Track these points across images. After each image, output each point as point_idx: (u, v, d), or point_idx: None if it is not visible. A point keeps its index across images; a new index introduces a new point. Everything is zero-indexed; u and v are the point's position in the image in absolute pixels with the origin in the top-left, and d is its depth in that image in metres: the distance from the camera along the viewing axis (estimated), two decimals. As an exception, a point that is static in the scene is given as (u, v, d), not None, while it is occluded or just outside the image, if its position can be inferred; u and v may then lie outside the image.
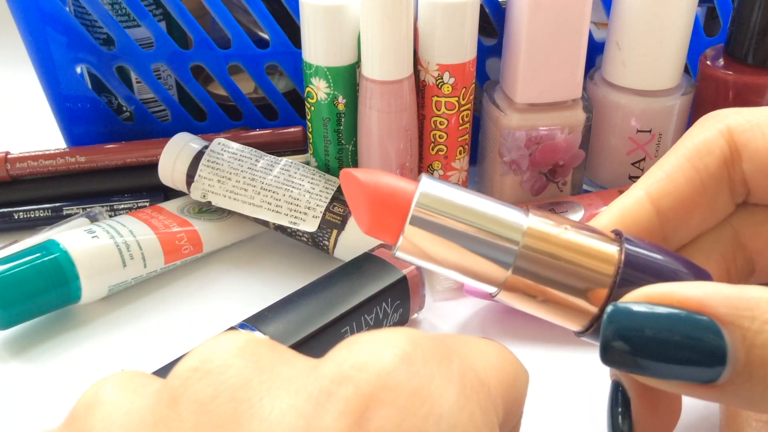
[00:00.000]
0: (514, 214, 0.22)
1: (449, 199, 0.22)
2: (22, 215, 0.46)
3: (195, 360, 0.17)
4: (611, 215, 0.25)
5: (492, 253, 0.22)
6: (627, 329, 0.20)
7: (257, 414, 0.16)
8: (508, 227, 0.22)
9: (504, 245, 0.22)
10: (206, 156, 0.42)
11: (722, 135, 0.25)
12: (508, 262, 0.22)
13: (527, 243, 0.22)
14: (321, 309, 0.33)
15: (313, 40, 0.40)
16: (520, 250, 0.21)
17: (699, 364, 0.19)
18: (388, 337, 0.17)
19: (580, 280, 0.22)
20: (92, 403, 0.17)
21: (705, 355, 0.19)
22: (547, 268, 0.22)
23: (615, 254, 0.22)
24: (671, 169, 0.25)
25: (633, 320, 0.20)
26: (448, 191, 0.22)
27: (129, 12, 0.48)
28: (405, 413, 0.16)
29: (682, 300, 0.19)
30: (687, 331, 0.19)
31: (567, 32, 0.41)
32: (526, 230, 0.22)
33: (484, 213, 0.22)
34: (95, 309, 0.40)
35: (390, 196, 0.22)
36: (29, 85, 0.52)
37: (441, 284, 0.41)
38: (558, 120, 0.43)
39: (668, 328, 0.19)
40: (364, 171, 0.22)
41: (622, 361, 0.20)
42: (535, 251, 0.22)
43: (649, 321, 0.19)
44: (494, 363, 0.19)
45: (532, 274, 0.22)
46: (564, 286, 0.22)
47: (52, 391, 0.35)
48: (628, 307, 0.20)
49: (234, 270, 0.43)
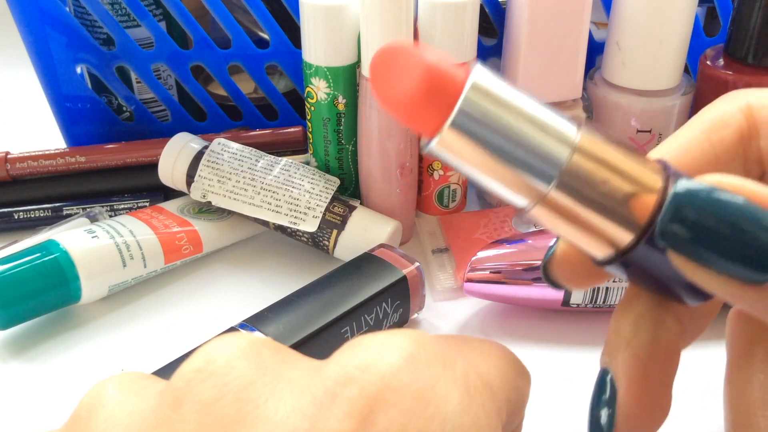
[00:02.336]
0: (566, 126, 0.20)
1: (500, 96, 0.20)
2: (22, 215, 0.46)
3: (198, 361, 0.17)
4: None
5: (536, 164, 0.20)
6: (688, 206, 0.19)
7: (261, 415, 0.16)
8: (559, 138, 0.20)
9: (551, 157, 0.20)
10: (206, 156, 0.42)
11: (741, 110, 0.24)
12: (552, 175, 0.20)
13: (576, 159, 0.20)
14: (321, 309, 0.33)
15: (313, 40, 0.40)
16: (566, 165, 0.20)
17: (754, 261, 0.18)
18: (392, 338, 0.17)
19: (623, 203, 0.20)
20: (94, 404, 0.17)
21: (763, 253, 0.18)
22: (591, 187, 0.20)
23: (662, 182, 0.20)
24: (686, 140, 0.24)
25: (698, 198, 0.19)
26: (500, 86, 0.20)
27: (129, 12, 0.48)
28: (410, 415, 0.16)
29: (753, 192, 0.19)
30: (751, 223, 0.18)
31: (567, 32, 0.41)
32: (578, 145, 0.20)
33: (535, 118, 0.20)
34: (95, 309, 0.40)
35: (441, 79, 0.19)
36: (29, 85, 0.52)
37: (441, 284, 0.41)
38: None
39: (732, 216, 0.18)
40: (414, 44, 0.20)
41: (678, 245, 0.19)
42: (582, 168, 0.20)
43: (714, 203, 0.19)
44: (497, 364, 0.19)
45: (574, 191, 0.20)
46: (604, 208, 0.20)
47: (52, 391, 0.35)
48: (695, 184, 0.19)
49: (234, 270, 0.43)
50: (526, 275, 0.37)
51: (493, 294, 0.38)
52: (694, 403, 0.32)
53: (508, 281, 0.37)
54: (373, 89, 0.20)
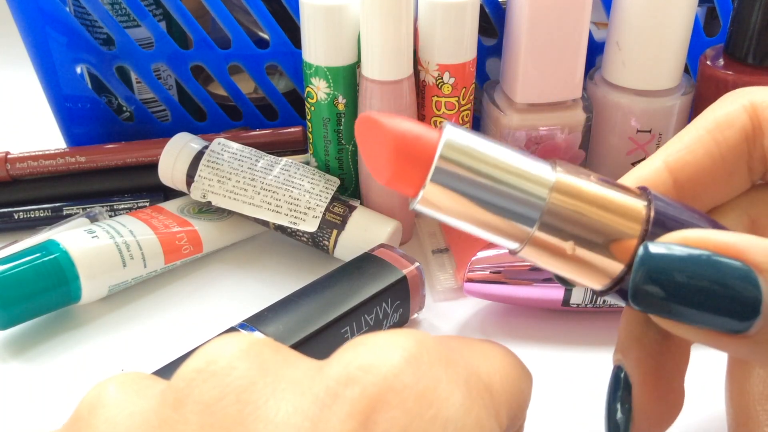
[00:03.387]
0: (541, 168, 0.21)
1: (474, 150, 0.21)
2: (22, 215, 0.46)
3: (199, 361, 0.17)
4: (628, 183, 0.25)
5: (518, 208, 0.21)
6: (659, 271, 0.19)
7: (263, 416, 0.16)
8: (535, 181, 0.21)
9: (530, 200, 0.21)
10: (206, 156, 0.42)
11: (745, 110, 0.24)
12: (534, 217, 0.21)
13: (554, 198, 0.21)
14: (321, 309, 0.33)
15: (313, 40, 0.40)
16: (547, 205, 0.21)
17: (731, 312, 0.18)
18: (394, 338, 0.17)
19: (608, 235, 0.21)
20: (95, 404, 0.17)
21: (738, 303, 0.18)
22: (574, 224, 0.21)
23: (643, 210, 0.21)
24: (691, 140, 0.24)
25: (666, 262, 0.19)
26: (473, 141, 0.21)
27: (129, 12, 0.48)
28: (412, 416, 0.16)
29: (719, 244, 0.19)
30: (722, 276, 0.18)
31: (567, 32, 0.41)
32: (554, 185, 0.21)
33: (511, 165, 0.21)
34: (95, 309, 0.40)
35: (413, 145, 0.20)
36: (29, 85, 0.52)
37: (441, 284, 0.41)
38: (558, 120, 0.43)
39: (702, 273, 0.18)
40: (385, 115, 0.21)
41: (652, 305, 0.19)
42: (562, 206, 0.21)
43: (683, 263, 0.19)
44: (499, 366, 0.19)
45: (558, 230, 0.21)
46: (591, 243, 0.21)
47: (52, 391, 0.35)
48: (663, 248, 0.19)
49: (234, 270, 0.43)
50: (526, 275, 0.37)
51: (493, 294, 0.38)
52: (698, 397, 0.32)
53: (508, 281, 0.37)
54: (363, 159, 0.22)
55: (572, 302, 0.37)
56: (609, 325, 0.38)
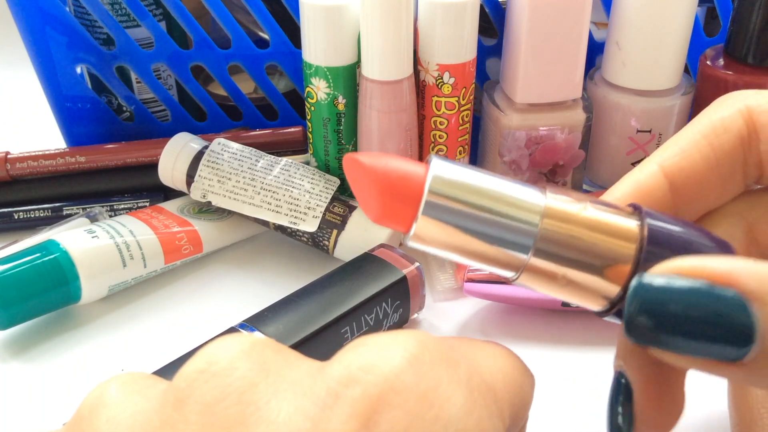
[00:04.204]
0: (531, 194, 0.21)
1: (463, 182, 0.21)
2: (22, 215, 0.46)
3: (201, 362, 0.17)
4: (625, 188, 0.25)
5: (510, 237, 0.21)
6: (652, 303, 0.19)
7: (264, 417, 0.16)
8: (526, 209, 0.21)
9: (523, 228, 0.21)
10: (206, 156, 0.42)
11: (741, 114, 0.24)
12: (528, 245, 0.21)
13: (547, 224, 0.21)
14: (321, 309, 0.33)
15: (313, 40, 0.40)
16: (539, 232, 0.21)
17: (726, 341, 0.18)
18: (396, 339, 0.17)
19: (602, 258, 0.21)
20: (97, 404, 0.17)
21: (732, 332, 0.18)
22: (568, 249, 0.21)
23: (636, 230, 0.21)
24: (686, 144, 0.24)
25: (659, 294, 0.19)
26: (461, 173, 0.21)
27: (129, 12, 0.48)
28: (413, 416, 0.16)
29: (712, 273, 0.19)
30: (715, 306, 0.18)
31: (567, 32, 0.41)
32: (545, 211, 0.21)
33: (500, 194, 0.21)
34: (95, 309, 0.40)
35: (400, 183, 0.20)
36: (29, 85, 0.52)
37: (441, 284, 0.41)
38: (558, 120, 0.43)
39: (696, 303, 0.18)
40: (369, 155, 0.21)
41: (646, 336, 0.19)
42: (555, 232, 0.21)
43: (675, 295, 0.19)
44: (500, 367, 0.19)
45: (552, 256, 0.21)
46: (586, 266, 0.21)
47: (52, 391, 0.35)
48: (654, 280, 0.19)
49: (234, 270, 0.43)
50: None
51: (493, 294, 0.38)
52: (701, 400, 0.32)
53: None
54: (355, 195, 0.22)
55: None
56: (609, 325, 0.38)
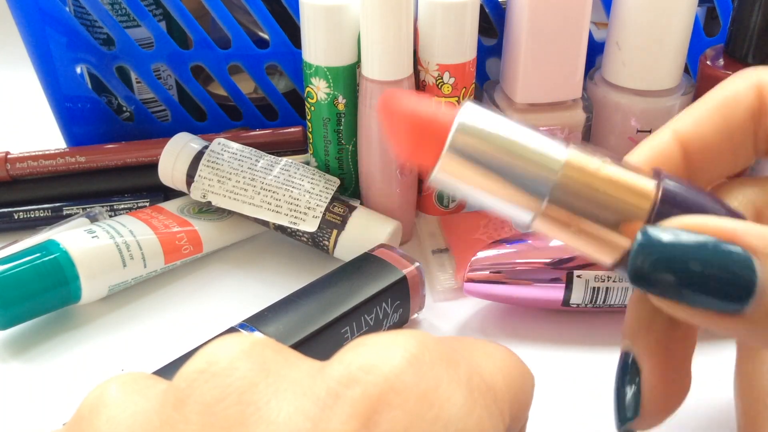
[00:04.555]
0: (554, 146, 0.22)
1: (488, 127, 0.22)
2: (22, 215, 0.46)
3: (201, 362, 0.17)
4: (640, 153, 0.26)
5: (529, 183, 0.22)
6: (658, 253, 0.20)
7: (264, 417, 0.16)
8: (547, 158, 0.22)
9: (542, 175, 0.22)
10: (206, 156, 0.43)
11: (754, 89, 0.25)
12: (545, 192, 0.22)
13: (565, 174, 0.21)
14: (321, 309, 0.33)
15: (313, 40, 0.40)
16: (557, 181, 0.21)
17: (727, 294, 0.19)
18: (396, 339, 0.17)
19: (616, 213, 0.22)
20: (97, 404, 0.17)
21: (734, 284, 0.19)
22: (583, 200, 0.22)
23: (652, 190, 0.22)
24: (700, 114, 0.25)
25: (663, 245, 0.20)
26: (488, 119, 0.22)
27: (129, 12, 0.48)
28: (413, 417, 0.16)
29: (716, 229, 0.19)
30: (719, 259, 0.19)
31: (567, 32, 0.41)
32: (565, 161, 0.22)
33: (523, 143, 0.22)
34: (95, 309, 0.40)
35: (429, 123, 0.22)
36: (29, 85, 0.52)
37: (441, 284, 0.41)
38: (558, 120, 0.43)
39: (700, 256, 0.19)
40: (405, 95, 0.22)
41: (651, 285, 0.20)
42: (572, 182, 0.21)
43: (681, 247, 0.19)
44: (501, 366, 0.19)
45: (568, 205, 0.22)
46: (599, 219, 0.22)
47: (52, 391, 0.35)
48: (659, 232, 0.20)
49: (234, 270, 0.43)
50: (526, 275, 0.37)
51: (493, 294, 0.38)
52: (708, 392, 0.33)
53: (509, 281, 0.37)
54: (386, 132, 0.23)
55: (572, 302, 0.37)
56: (609, 325, 0.38)
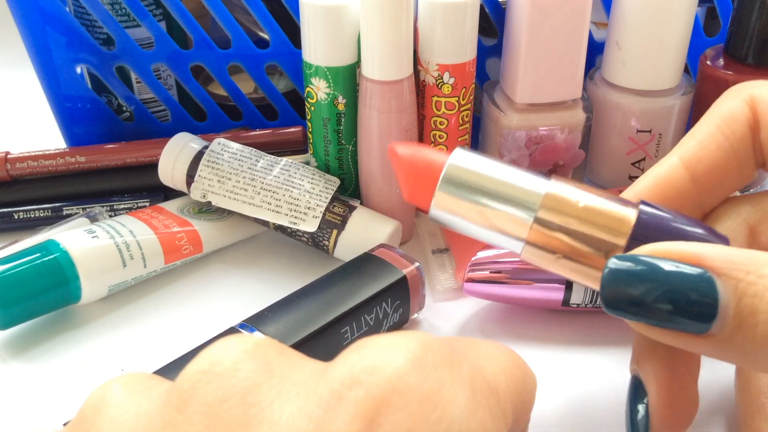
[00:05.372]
0: (536, 181, 0.24)
1: (476, 168, 0.24)
2: (22, 215, 0.46)
3: (204, 362, 0.17)
4: (647, 182, 0.26)
5: (513, 216, 0.24)
6: (624, 279, 0.21)
7: (267, 418, 0.16)
8: (529, 193, 0.23)
9: (523, 210, 0.23)
10: (206, 156, 0.42)
11: (746, 102, 0.26)
12: (527, 224, 0.23)
13: (545, 204, 0.23)
14: (321, 309, 0.33)
15: (313, 40, 0.40)
16: (537, 215, 0.23)
17: (692, 314, 0.20)
18: (399, 340, 0.17)
19: (594, 244, 0.23)
20: (100, 404, 0.17)
21: (697, 305, 0.20)
22: (562, 232, 0.23)
23: (631, 220, 0.23)
24: (702, 136, 0.26)
25: (632, 271, 0.21)
26: (477, 161, 0.24)
27: (129, 12, 0.48)
28: (416, 418, 0.16)
29: (682, 254, 0.20)
30: (682, 281, 0.20)
31: (567, 32, 0.41)
32: (545, 195, 0.23)
33: (508, 180, 0.24)
34: (95, 309, 0.40)
35: (424, 167, 0.25)
36: (29, 85, 0.52)
37: (441, 284, 0.41)
38: (558, 120, 0.43)
39: (664, 280, 0.20)
40: (404, 144, 0.25)
41: (620, 309, 0.21)
42: (552, 215, 0.23)
43: (647, 272, 0.21)
44: (503, 367, 0.19)
45: (549, 237, 0.23)
46: (579, 249, 0.23)
47: (52, 391, 0.35)
48: (627, 260, 0.21)
49: (234, 270, 0.43)
50: (526, 275, 0.37)
51: (493, 294, 0.38)
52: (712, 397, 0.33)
53: (509, 281, 0.37)
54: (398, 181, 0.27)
55: (572, 302, 0.37)
56: (609, 325, 0.38)
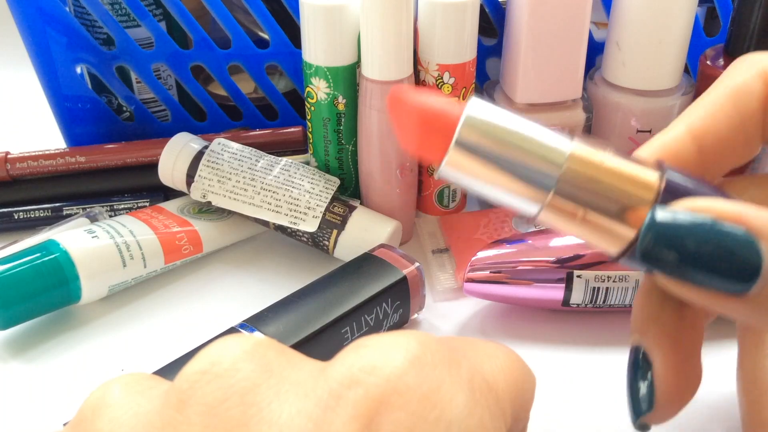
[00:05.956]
0: (558, 139, 0.22)
1: (494, 122, 0.22)
2: (22, 215, 0.46)
3: (203, 363, 0.17)
4: (653, 148, 0.26)
5: (535, 176, 0.22)
6: (667, 234, 0.20)
7: (266, 418, 0.16)
8: (552, 151, 0.22)
9: (547, 168, 0.22)
10: (206, 156, 0.43)
11: (760, 77, 0.25)
12: (551, 184, 0.22)
13: (570, 166, 0.22)
14: (321, 309, 0.33)
15: (313, 40, 0.40)
16: (562, 173, 0.22)
17: (733, 275, 0.20)
18: (398, 340, 0.17)
19: (620, 203, 0.22)
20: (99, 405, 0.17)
21: (739, 265, 0.19)
22: (588, 192, 0.22)
23: (656, 181, 0.22)
24: (712, 107, 0.25)
25: (673, 226, 0.20)
26: (495, 114, 0.22)
27: (129, 12, 0.48)
28: (415, 418, 0.16)
29: (723, 212, 0.20)
30: (725, 241, 0.20)
31: (567, 32, 0.41)
32: (570, 154, 0.22)
33: (529, 136, 0.22)
34: (95, 309, 0.40)
35: (436, 118, 0.23)
36: (29, 85, 0.52)
37: (441, 284, 0.41)
38: (558, 120, 0.43)
39: (707, 237, 0.20)
40: (412, 91, 0.23)
41: (659, 266, 0.20)
42: (577, 175, 0.22)
43: (689, 228, 0.20)
44: (502, 366, 0.19)
45: (573, 197, 0.22)
46: (604, 209, 0.22)
47: (52, 391, 0.35)
48: (669, 212, 0.20)
49: (234, 270, 0.43)
50: (526, 275, 0.37)
51: (493, 294, 0.38)
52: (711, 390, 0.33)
53: (509, 281, 0.37)
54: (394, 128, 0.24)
55: (572, 302, 0.37)
56: (609, 325, 0.38)
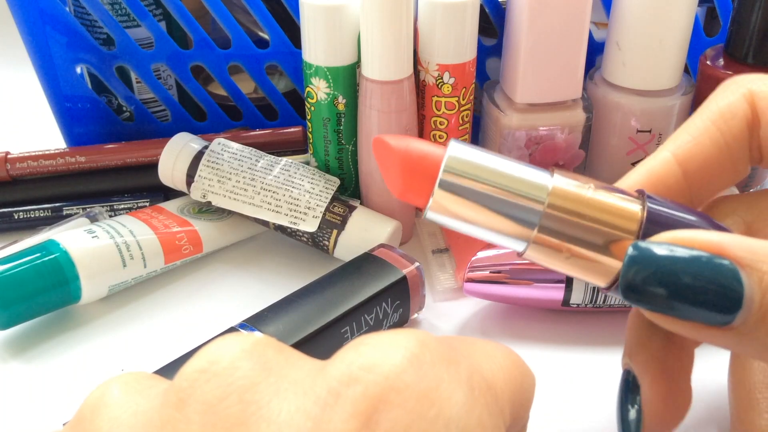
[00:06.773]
0: (539, 175, 0.23)
1: (476, 162, 0.23)
2: (22, 215, 0.46)
3: (202, 361, 0.17)
4: (638, 176, 0.26)
5: (518, 213, 0.22)
6: (648, 267, 0.20)
7: (265, 416, 0.16)
8: (534, 187, 0.22)
9: (530, 205, 0.22)
10: (206, 156, 0.42)
11: (745, 98, 0.25)
12: (534, 221, 0.22)
13: (552, 202, 0.22)
14: (321, 309, 0.33)
15: (313, 40, 0.40)
16: (545, 210, 0.22)
17: (716, 306, 0.19)
18: (396, 338, 0.17)
19: (604, 236, 0.22)
20: (98, 404, 0.17)
21: (722, 297, 0.19)
22: (571, 227, 0.22)
23: (638, 212, 0.22)
24: (697, 131, 0.25)
25: (653, 259, 0.20)
26: (475, 155, 0.23)
27: (129, 12, 0.48)
28: (414, 416, 0.16)
29: (704, 243, 0.20)
30: (706, 271, 0.19)
31: (567, 32, 0.41)
32: (551, 190, 0.22)
33: (510, 174, 0.23)
34: (95, 309, 0.40)
35: (419, 161, 0.23)
36: (29, 85, 0.52)
37: (441, 284, 0.41)
38: (558, 120, 0.43)
39: (688, 268, 0.20)
40: (395, 137, 0.23)
41: (641, 300, 0.20)
42: (559, 210, 0.22)
43: (670, 260, 0.20)
44: (501, 366, 0.19)
45: (557, 233, 0.22)
46: (589, 244, 0.22)
47: (52, 391, 0.35)
48: (650, 247, 0.20)
49: (234, 270, 0.43)
50: (526, 275, 0.37)
51: (493, 294, 0.38)
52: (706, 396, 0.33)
53: (509, 281, 0.37)
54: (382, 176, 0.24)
55: (572, 302, 0.37)
56: (609, 325, 0.38)
